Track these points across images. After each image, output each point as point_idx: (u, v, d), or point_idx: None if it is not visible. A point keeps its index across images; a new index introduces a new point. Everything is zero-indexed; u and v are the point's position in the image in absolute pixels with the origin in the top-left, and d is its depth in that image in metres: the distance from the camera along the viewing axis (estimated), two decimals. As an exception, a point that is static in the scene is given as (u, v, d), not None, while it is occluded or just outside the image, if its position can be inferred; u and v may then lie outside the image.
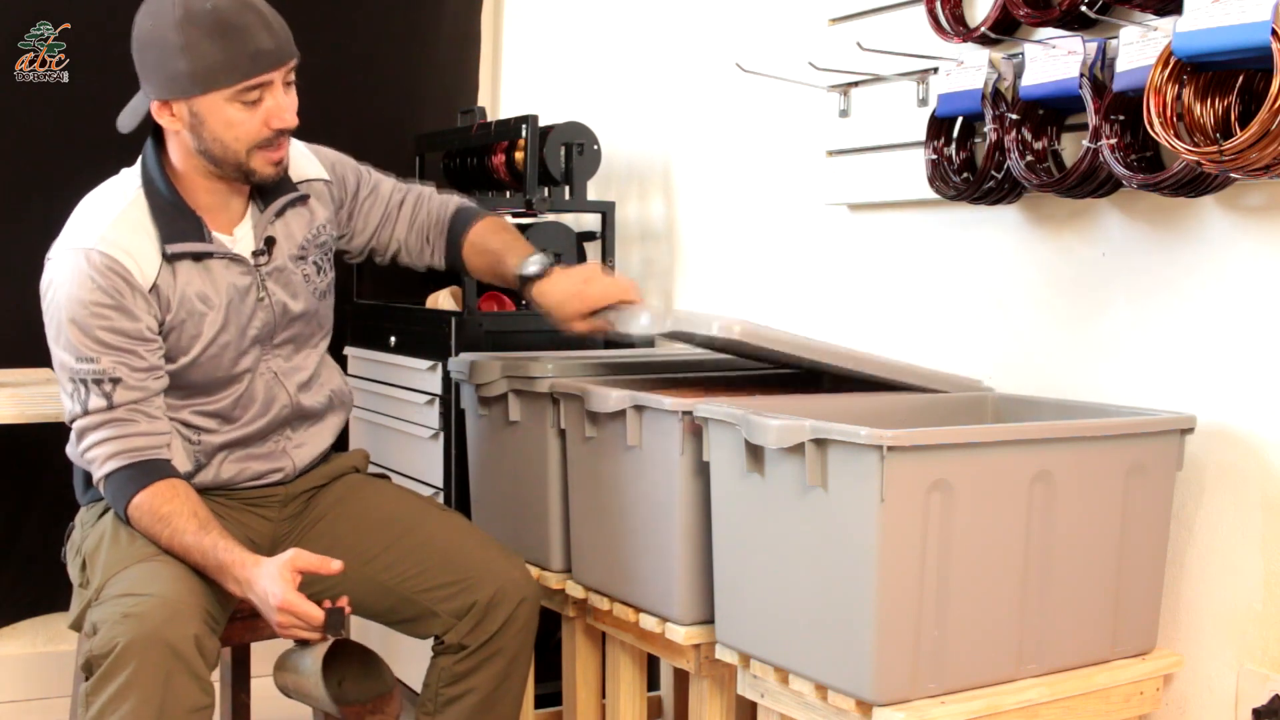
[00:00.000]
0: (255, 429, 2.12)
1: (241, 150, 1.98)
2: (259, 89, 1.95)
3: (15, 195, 3.11)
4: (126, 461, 1.96)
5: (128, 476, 1.96)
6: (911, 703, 1.68)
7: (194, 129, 1.96)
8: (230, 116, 1.95)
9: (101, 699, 1.77)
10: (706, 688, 2.06)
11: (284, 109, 1.98)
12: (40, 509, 3.14)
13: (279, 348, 2.14)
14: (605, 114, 3.17)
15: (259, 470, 2.15)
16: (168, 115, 1.97)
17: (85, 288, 1.95)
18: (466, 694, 2.10)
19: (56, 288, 2.00)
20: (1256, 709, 1.81)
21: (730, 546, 1.91)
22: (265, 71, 1.94)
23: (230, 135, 1.96)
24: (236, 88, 1.93)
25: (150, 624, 1.78)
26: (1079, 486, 1.79)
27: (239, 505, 2.13)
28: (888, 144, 2.37)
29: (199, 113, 1.95)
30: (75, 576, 2.04)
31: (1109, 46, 1.92)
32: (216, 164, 2.00)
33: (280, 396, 2.14)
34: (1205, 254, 1.91)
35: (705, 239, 2.95)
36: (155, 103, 1.97)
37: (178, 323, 2.02)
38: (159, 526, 1.94)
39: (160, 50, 1.92)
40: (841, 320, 2.56)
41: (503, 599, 2.09)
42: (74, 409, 1.98)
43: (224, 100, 1.93)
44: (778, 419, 1.73)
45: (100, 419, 1.96)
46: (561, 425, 2.24)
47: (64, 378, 1.99)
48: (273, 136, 1.99)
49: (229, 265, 2.06)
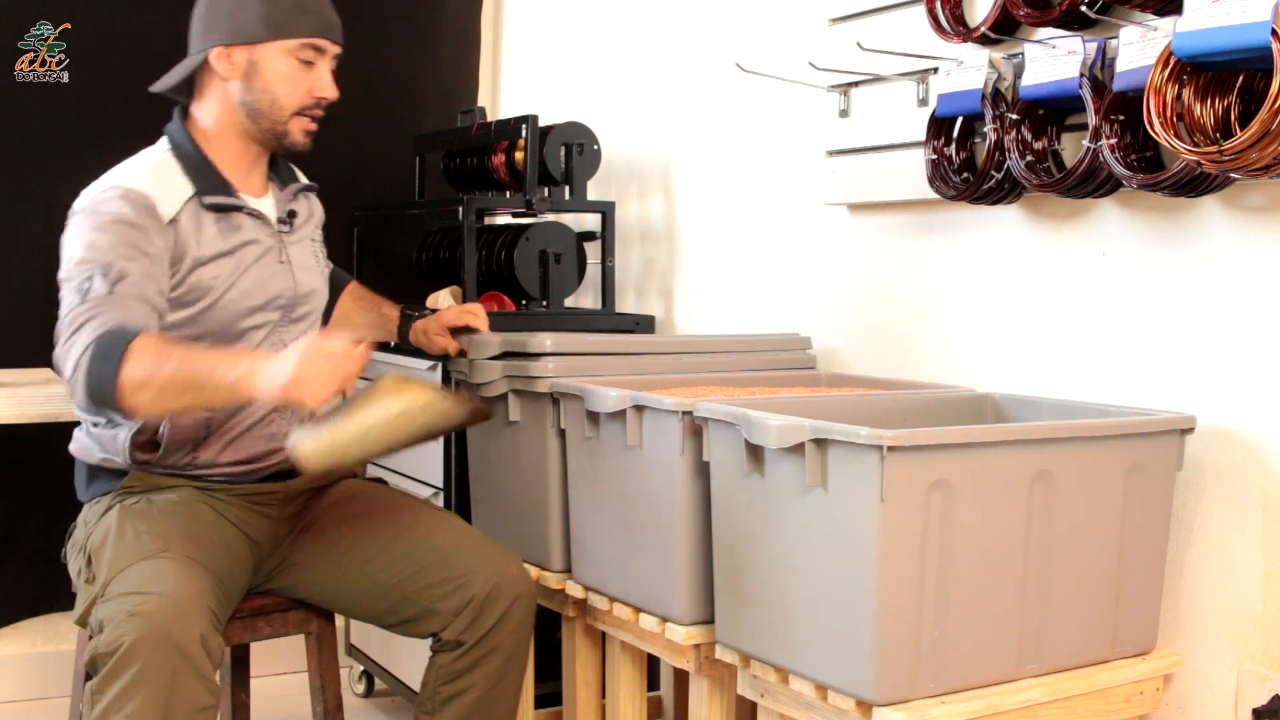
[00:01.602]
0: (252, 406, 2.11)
1: (285, 111, 2.11)
2: (316, 53, 2.11)
3: (15, 195, 3.11)
4: (110, 327, 1.88)
5: (113, 339, 1.86)
6: (911, 703, 1.68)
7: (247, 77, 2.08)
8: (285, 70, 2.08)
9: (107, 697, 1.77)
10: (706, 688, 2.06)
11: (329, 82, 2.13)
12: (40, 509, 3.14)
13: (295, 323, 2.19)
14: (605, 114, 3.17)
15: (258, 451, 2.14)
16: (226, 63, 2.08)
17: (111, 206, 1.99)
18: (465, 691, 2.11)
19: (81, 215, 2.01)
20: (1256, 709, 1.81)
21: (730, 546, 1.91)
22: (327, 37, 2.11)
23: (281, 89, 2.09)
24: (302, 40, 2.08)
25: (156, 622, 1.78)
26: (1079, 486, 1.79)
27: (241, 503, 2.13)
28: (888, 144, 2.37)
29: (257, 61, 2.08)
30: (78, 573, 2.04)
31: (1109, 46, 1.92)
32: (256, 119, 2.10)
33: None
34: (1205, 254, 1.91)
35: (705, 239, 2.95)
36: (216, 49, 2.08)
37: (196, 265, 2.04)
38: (164, 359, 1.85)
39: (236, 1, 2.07)
40: (841, 320, 2.56)
41: (499, 595, 2.09)
42: (73, 299, 1.92)
43: (284, 52, 2.08)
44: (778, 419, 1.73)
45: (97, 307, 1.90)
46: (561, 425, 2.24)
47: (71, 275, 1.94)
48: (313, 104, 2.13)
49: (257, 224, 2.13)
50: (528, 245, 2.86)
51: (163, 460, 2.08)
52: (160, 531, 1.98)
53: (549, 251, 2.87)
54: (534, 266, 2.85)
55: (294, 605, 2.20)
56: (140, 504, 2.04)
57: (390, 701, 3.24)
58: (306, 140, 2.15)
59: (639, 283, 3.17)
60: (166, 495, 2.07)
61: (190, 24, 2.14)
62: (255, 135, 2.13)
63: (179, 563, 1.91)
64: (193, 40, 2.13)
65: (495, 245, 2.91)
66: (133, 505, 2.04)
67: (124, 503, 2.05)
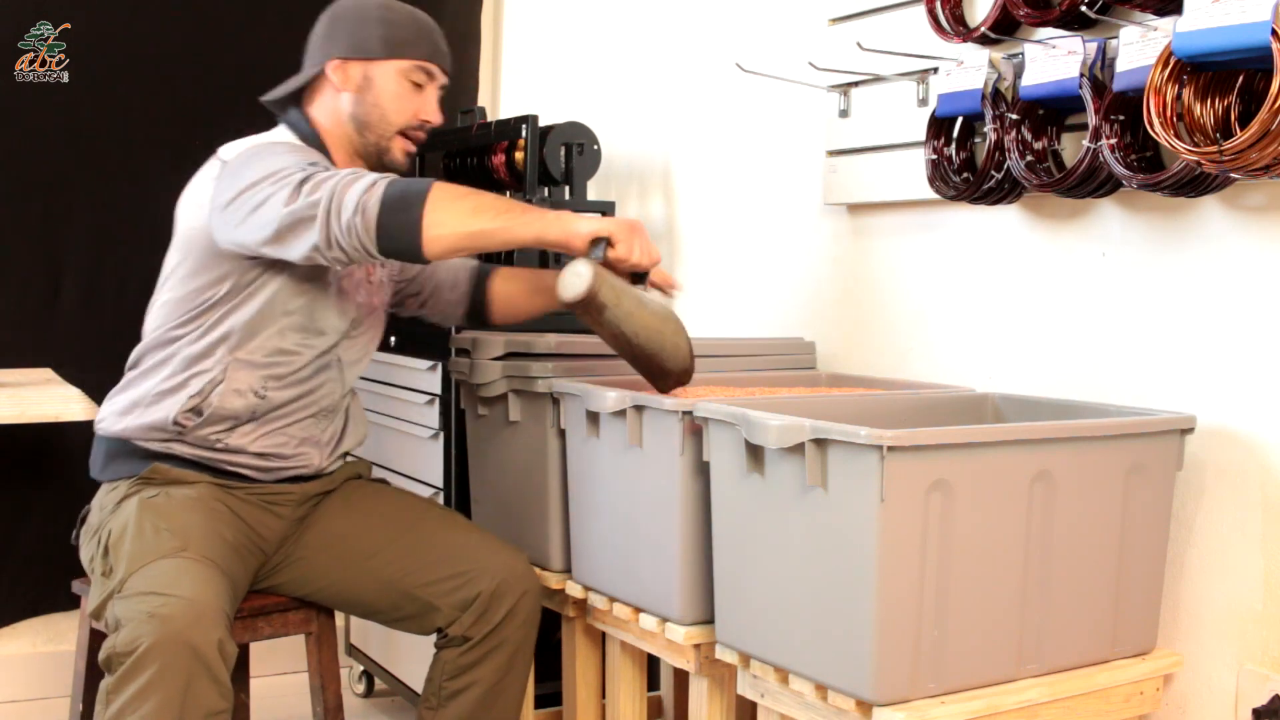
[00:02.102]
0: (305, 390, 2.16)
1: (392, 127, 2.19)
2: (426, 77, 2.20)
3: (15, 195, 3.11)
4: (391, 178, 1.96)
5: (406, 180, 1.96)
6: (911, 703, 1.68)
7: (360, 91, 2.17)
8: (396, 89, 2.17)
9: (122, 697, 1.78)
10: (706, 688, 2.06)
11: (435, 107, 2.23)
12: (40, 509, 3.14)
13: (361, 335, 2.25)
14: (605, 114, 3.17)
15: (286, 450, 2.16)
16: (341, 75, 2.17)
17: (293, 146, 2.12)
18: (470, 686, 2.12)
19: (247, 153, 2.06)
20: (1256, 709, 1.81)
21: (730, 546, 1.91)
22: (438, 64, 2.21)
23: (391, 106, 2.18)
24: (416, 62, 2.18)
25: (175, 626, 1.79)
26: (1079, 486, 1.79)
27: (258, 501, 2.14)
28: (888, 144, 2.37)
29: (372, 77, 2.17)
30: (93, 563, 2.04)
31: (1109, 46, 1.92)
32: (363, 132, 2.18)
33: (335, 380, 2.21)
34: (1205, 254, 1.91)
35: (705, 239, 2.95)
36: (333, 61, 2.17)
37: None
38: (468, 190, 1.97)
39: (358, 17, 2.18)
40: (841, 320, 2.56)
41: (506, 591, 2.11)
42: (296, 176, 1.95)
43: (398, 72, 2.17)
44: (778, 419, 1.73)
45: (328, 170, 1.99)
46: (561, 425, 2.24)
47: (276, 176, 1.97)
48: (418, 126, 2.21)
49: None
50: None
51: (199, 429, 2.09)
52: (179, 529, 1.98)
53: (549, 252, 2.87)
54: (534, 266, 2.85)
55: (294, 605, 2.21)
56: (159, 498, 2.05)
57: (390, 701, 3.24)
58: (406, 160, 2.24)
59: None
60: (184, 490, 2.07)
61: (308, 40, 2.23)
62: (359, 148, 2.20)
63: (198, 564, 1.92)
64: (310, 54, 2.22)
65: (495, 245, 2.91)
66: (151, 498, 2.04)
67: (141, 494, 2.05)
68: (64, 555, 2.99)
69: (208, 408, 2.08)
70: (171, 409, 2.08)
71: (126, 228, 3.19)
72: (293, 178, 1.95)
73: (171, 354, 2.11)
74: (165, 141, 3.20)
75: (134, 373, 2.17)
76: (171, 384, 2.10)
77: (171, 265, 2.15)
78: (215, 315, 2.09)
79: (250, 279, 2.09)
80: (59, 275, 3.15)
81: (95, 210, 3.17)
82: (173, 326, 2.12)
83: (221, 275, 2.08)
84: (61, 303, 3.15)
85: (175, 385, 2.09)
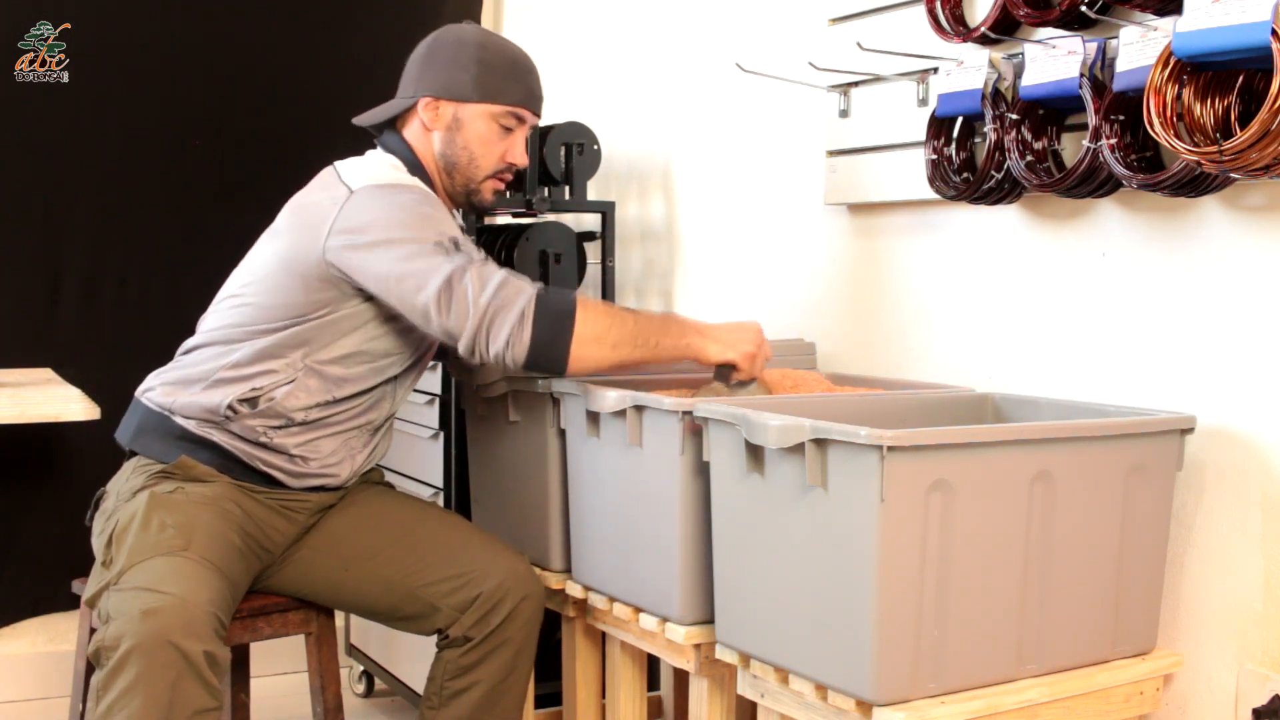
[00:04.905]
0: (362, 406, 2.18)
1: (481, 172, 2.21)
2: (517, 121, 2.21)
3: (15, 195, 3.11)
4: (535, 290, 2.02)
5: (556, 299, 2.02)
6: (911, 703, 1.68)
7: (450, 131, 2.19)
8: (485, 132, 2.19)
9: (111, 694, 1.79)
10: (706, 688, 2.06)
11: (523, 150, 2.23)
12: (40, 509, 3.14)
13: (422, 364, 2.28)
14: (605, 114, 3.17)
15: (330, 461, 2.17)
16: (432, 113, 2.19)
17: (425, 196, 2.11)
18: (472, 686, 2.12)
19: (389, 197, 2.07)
20: (1256, 709, 1.81)
21: (730, 546, 1.91)
22: (530, 109, 2.22)
23: (480, 150, 2.19)
24: (507, 107, 2.19)
25: (162, 625, 1.80)
26: (1079, 486, 1.79)
27: (276, 505, 2.14)
28: (888, 144, 2.37)
29: (462, 119, 2.18)
30: (99, 551, 2.03)
31: (1109, 46, 1.92)
32: (452, 173, 2.21)
33: (389, 400, 2.23)
34: (1205, 254, 1.91)
35: (705, 239, 2.95)
36: (426, 98, 2.18)
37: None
38: (615, 315, 2.05)
39: (454, 56, 2.18)
40: (841, 320, 2.56)
41: (507, 592, 2.12)
42: (459, 261, 2.00)
43: (488, 115, 2.18)
44: (778, 419, 1.73)
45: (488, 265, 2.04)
46: (561, 425, 2.24)
47: (423, 250, 2.01)
48: (505, 169, 2.23)
49: None
50: (528, 245, 2.86)
51: (249, 419, 2.09)
52: (184, 527, 1.98)
53: (549, 251, 2.87)
54: (534, 266, 2.85)
55: (294, 605, 2.21)
56: (175, 493, 2.04)
57: (390, 701, 3.24)
58: (493, 201, 2.26)
59: (639, 283, 3.17)
60: (201, 488, 2.07)
61: (406, 65, 2.23)
62: (447, 187, 2.22)
63: (196, 564, 1.92)
64: (405, 83, 2.23)
65: (495, 245, 2.91)
66: (165, 492, 2.03)
67: (156, 487, 2.05)
68: (64, 555, 3.00)
69: (267, 402, 2.08)
70: (229, 394, 2.08)
71: (126, 228, 3.19)
72: (440, 269, 1.99)
73: (244, 345, 2.10)
74: (165, 141, 3.20)
75: (195, 354, 2.15)
76: (238, 373, 2.09)
77: (264, 271, 2.13)
78: (301, 326, 2.09)
79: (347, 313, 2.10)
80: (59, 275, 3.15)
81: (95, 210, 3.17)
82: (253, 326, 2.11)
83: (320, 302, 2.08)
84: (61, 303, 3.15)
85: (241, 375, 2.09)
